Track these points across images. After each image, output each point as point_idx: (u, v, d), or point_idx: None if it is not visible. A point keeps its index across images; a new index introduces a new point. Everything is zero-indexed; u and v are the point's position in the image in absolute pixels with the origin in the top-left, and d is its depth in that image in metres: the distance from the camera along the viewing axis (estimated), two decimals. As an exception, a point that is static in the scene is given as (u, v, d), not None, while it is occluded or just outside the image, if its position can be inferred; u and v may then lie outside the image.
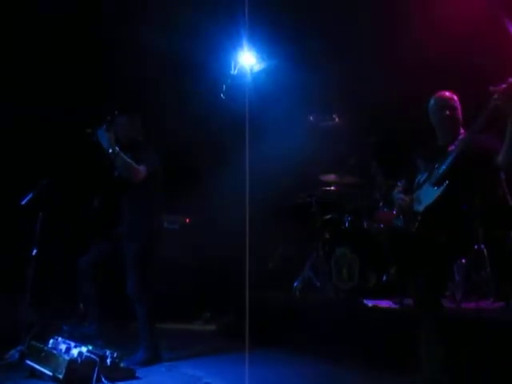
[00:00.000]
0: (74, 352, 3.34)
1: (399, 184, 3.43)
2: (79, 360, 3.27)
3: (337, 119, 5.60)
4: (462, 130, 3.17)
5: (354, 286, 4.92)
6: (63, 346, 3.46)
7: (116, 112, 4.06)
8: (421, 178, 3.25)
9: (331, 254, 5.22)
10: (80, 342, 3.49)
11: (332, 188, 5.56)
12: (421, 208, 3.13)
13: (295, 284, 5.37)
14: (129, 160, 3.88)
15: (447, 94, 3.21)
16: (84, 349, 3.37)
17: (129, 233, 4.06)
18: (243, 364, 3.90)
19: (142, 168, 3.94)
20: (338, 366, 3.90)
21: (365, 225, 5.26)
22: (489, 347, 3.16)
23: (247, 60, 5.68)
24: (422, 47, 4.71)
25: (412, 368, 2.96)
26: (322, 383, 3.59)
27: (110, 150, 3.80)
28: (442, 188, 3.02)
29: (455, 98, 3.19)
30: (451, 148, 3.09)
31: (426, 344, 2.86)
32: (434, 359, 2.81)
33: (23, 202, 4.09)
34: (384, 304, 4.36)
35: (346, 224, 5.40)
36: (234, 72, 5.67)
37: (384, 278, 4.84)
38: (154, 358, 3.95)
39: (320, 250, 5.43)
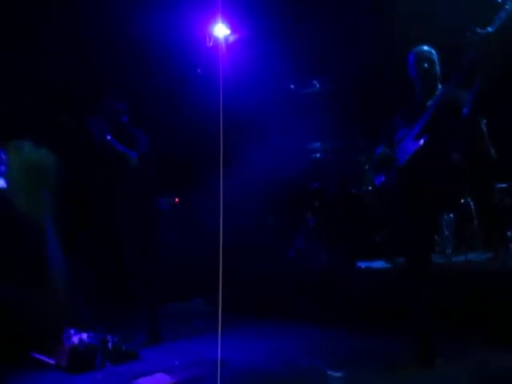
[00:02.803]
0: (75, 339, 3.38)
1: (381, 145, 3.43)
2: (80, 347, 3.32)
3: (317, 85, 5.57)
4: (439, 86, 3.17)
5: (346, 249, 4.98)
6: (63, 335, 3.50)
7: (104, 100, 4.14)
8: (400, 134, 3.25)
9: (322, 220, 5.27)
10: (80, 328, 3.53)
11: (317, 155, 5.56)
12: (400, 163, 3.15)
13: (289, 253, 5.42)
14: (121, 147, 3.97)
15: (425, 47, 3.20)
16: (84, 335, 3.41)
17: (126, 212, 4.10)
18: (244, 338, 3.98)
19: (133, 154, 4.02)
20: (333, 329, 3.98)
21: (352, 189, 5.30)
22: (480, 297, 3.24)
23: (221, 31, 5.56)
24: (399, 8, 4.64)
25: (406, 326, 3.02)
26: (321, 347, 3.67)
27: (102, 138, 3.89)
28: (420, 141, 3.02)
29: (433, 52, 3.17)
30: (429, 103, 3.10)
31: (417, 300, 2.91)
32: (426, 314, 2.88)
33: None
34: (377, 265, 4.43)
35: (334, 190, 5.43)
36: (209, 44, 5.56)
37: (376, 239, 4.90)
38: (155, 339, 4.00)
39: (311, 217, 5.48)
